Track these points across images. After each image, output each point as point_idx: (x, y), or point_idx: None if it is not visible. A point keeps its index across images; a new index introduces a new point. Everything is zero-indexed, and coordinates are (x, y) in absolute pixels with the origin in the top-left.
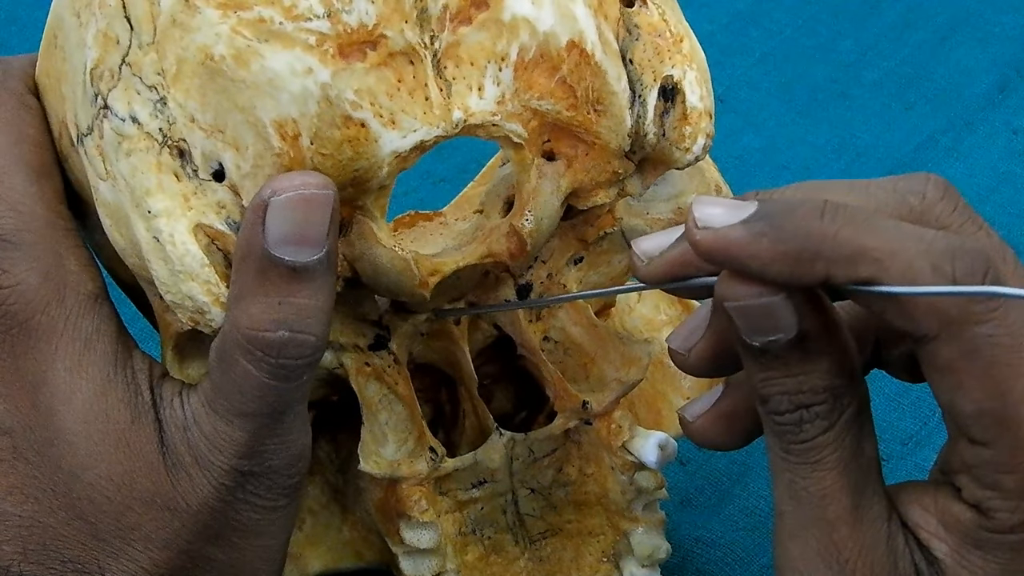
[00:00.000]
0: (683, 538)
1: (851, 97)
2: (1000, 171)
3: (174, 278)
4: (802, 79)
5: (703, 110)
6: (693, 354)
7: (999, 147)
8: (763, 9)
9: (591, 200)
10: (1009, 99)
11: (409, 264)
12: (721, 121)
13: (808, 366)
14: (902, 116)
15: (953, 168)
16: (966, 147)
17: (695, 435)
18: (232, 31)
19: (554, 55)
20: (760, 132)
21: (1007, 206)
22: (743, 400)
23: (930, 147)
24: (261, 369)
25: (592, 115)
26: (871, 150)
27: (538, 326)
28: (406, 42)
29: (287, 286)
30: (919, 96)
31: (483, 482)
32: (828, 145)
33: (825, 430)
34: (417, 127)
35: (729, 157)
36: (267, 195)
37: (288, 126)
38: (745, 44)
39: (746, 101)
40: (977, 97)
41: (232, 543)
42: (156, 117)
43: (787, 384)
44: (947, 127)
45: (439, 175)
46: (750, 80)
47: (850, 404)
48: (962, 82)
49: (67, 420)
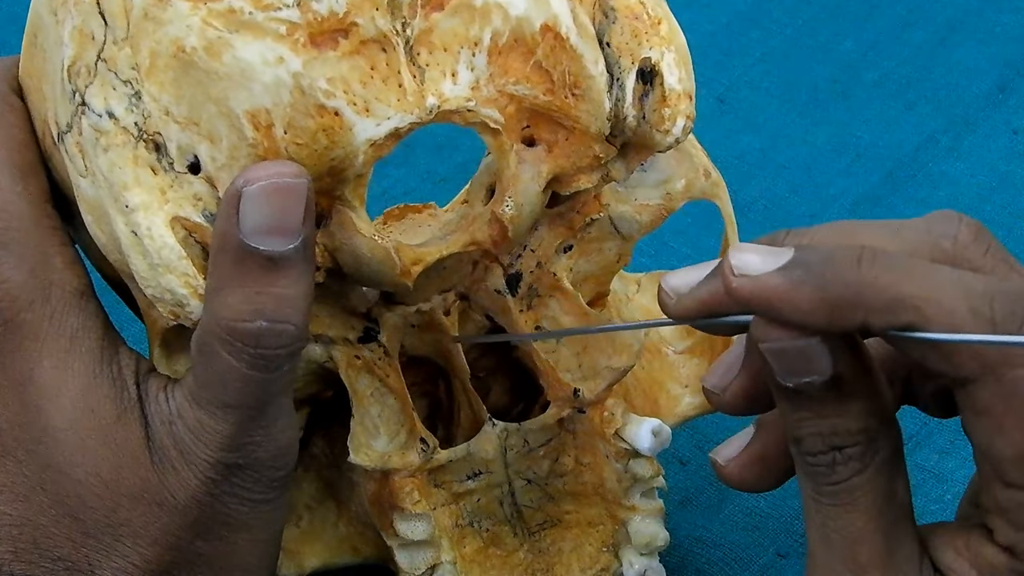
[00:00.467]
0: (683, 538)
1: (851, 97)
2: (1000, 171)
3: (153, 272)
4: (802, 79)
5: (682, 91)
6: (728, 393)
7: (999, 147)
8: (763, 9)
9: (574, 185)
10: (1009, 99)
11: (389, 253)
12: (721, 121)
13: (842, 408)
14: (902, 116)
15: (953, 168)
16: (966, 147)
17: (729, 479)
18: (203, 22)
19: (528, 39)
20: (760, 132)
21: (1007, 206)
22: (775, 442)
23: (930, 147)
24: (241, 360)
25: (570, 99)
26: (871, 150)
27: (530, 316)
28: (377, 29)
29: (264, 276)
30: (919, 96)
31: (478, 473)
32: (828, 145)
33: (858, 472)
34: (391, 114)
35: (729, 157)
36: (240, 185)
37: (261, 116)
38: (745, 44)
39: (746, 101)
40: (977, 97)
41: (222, 537)
42: (132, 111)
43: (821, 426)
44: (947, 127)
45: (440, 175)
46: (750, 80)
47: (884, 447)
48: (962, 82)
49: (54, 417)
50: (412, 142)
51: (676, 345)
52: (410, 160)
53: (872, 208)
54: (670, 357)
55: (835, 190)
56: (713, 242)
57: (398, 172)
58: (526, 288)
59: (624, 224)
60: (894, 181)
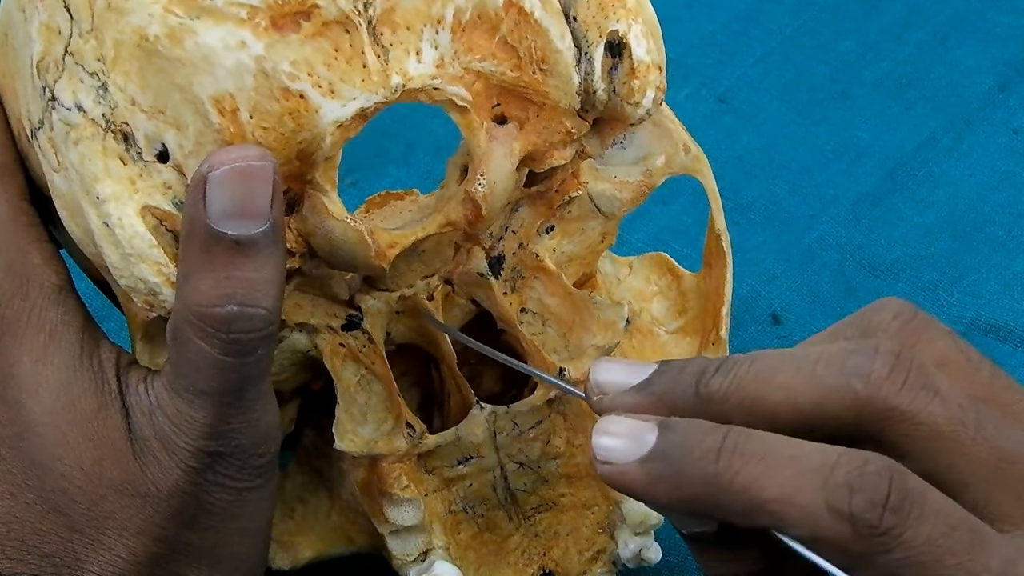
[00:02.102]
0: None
1: (851, 97)
2: (1000, 171)
3: (125, 262)
4: (802, 79)
5: (651, 63)
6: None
7: (999, 147)
8: (763, 9)
9: (548, 162)
10: (1009, 99)
11: (363, 235)
12: (721, 121)
13: (739, 552)
14: (902, 116)
15: (953, 168)
16: (966, 147)
17: None
18: (164, 10)
19: (492, 15)
20: (760, 132)
21: (1007, 206)
22: None
23: (930, 147)
24: (214, 345)
25: (538, 75)
26: (871, 150)
27: (514, 298)
28: (339, 10)
29: (232, 260)
30: (919, 96)
31: (469, 458)
32: (828, 145)
33: None
34: (356, 95)
35: (729, 157)
36: (205, 171)
37: (226, 101)
38: (745, 44)
39: (746, 101)
40: (977, 97)
41: (208, 527)
42: (99, 103)
43: (724, 568)
44: (947, 127)
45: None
46: (750, 80)
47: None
48: (962, 82)
49: (35, 412)
50: (412, 142)
51: (668, 325)
52: (410, 160)
53: (872, 208)
54: (662, 337)
55: (835, 190)
56: None
57: (398, 172)
58: (509, 270)
59: (604, 202)
60: (894, 181)
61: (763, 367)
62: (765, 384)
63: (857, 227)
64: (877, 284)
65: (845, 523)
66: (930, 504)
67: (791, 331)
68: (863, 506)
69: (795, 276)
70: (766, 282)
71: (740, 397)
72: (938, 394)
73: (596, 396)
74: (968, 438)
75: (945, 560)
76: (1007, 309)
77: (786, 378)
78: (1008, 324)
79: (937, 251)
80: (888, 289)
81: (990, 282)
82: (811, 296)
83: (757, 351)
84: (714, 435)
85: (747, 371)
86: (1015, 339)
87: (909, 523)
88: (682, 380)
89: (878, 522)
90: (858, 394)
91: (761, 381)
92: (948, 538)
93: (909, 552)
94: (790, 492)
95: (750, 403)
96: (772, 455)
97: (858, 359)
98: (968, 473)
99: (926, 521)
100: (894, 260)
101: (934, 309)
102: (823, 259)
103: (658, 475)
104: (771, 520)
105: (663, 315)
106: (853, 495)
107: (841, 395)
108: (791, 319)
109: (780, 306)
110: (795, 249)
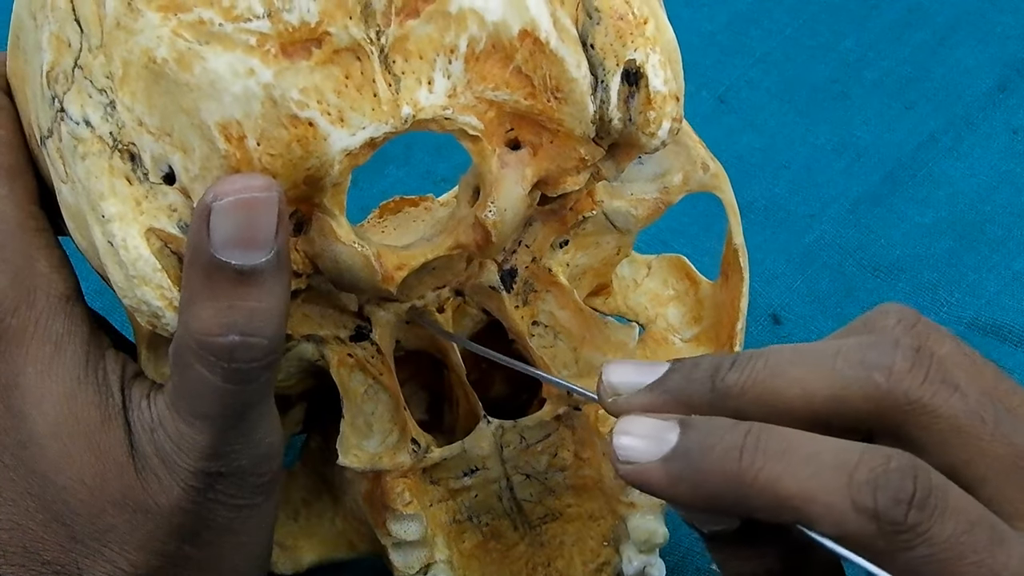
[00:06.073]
0: (683, 538)
1: (851, 97)
2: (1000, 171)
3: (129, 283)
4: (802, 79)
5: (668, 93)
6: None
7: (999, 147)
8: (763, 9)
9: (561, 187)
10: (1009, 99)
11: (369, 260)
12: (721, 121)
13: (759, 550)
14: (902, 116)
15: (953, 168)
16: (966, 147)
17: None
18: (173, 33)
19: (506, 45)
20: (760, 132)
21: (1007, 206)
22: None
23: (930, 147)
24: (215, 373)
25: (552, 103)
26: (871, 150)
27: (525, 311)
28: (351, 38)
29: (235, 289)
30: (919, 96)
31: (474, 470)
32: (828, 145)
33: None
34: (366, 124)
35: (729, 157)
36: (210, 200)
37: (232, 128)
38: (745, 44)
39: (746, 101)
40: (977, 97)
41: (209, 542)
42: (107, 120)
43: (743, 567)
44: (947, 127)
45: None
46: (750, 80)
47: None
48: (962, 82)
49: (38, 424)
50: (412, 142)
51: (683, 333)
52: (410, 160)
53: (872, 208)
54: (676, 346)
55: (835, 190)
56: (713, 242)
57: (398, 172)
58: (521, 284)
59: (620, 218)
60: (894, 181)
61: (779, 361)
62: (781, 378)
63: (857, 227)
64: (877, 284)
65: (870, 520)
66: (952, 501)
67: (791, 331)
68: (888, 503)
69: (795, 276)
70: (766, 282)
71: (757, 392)
72: (958, 389)
73: (610, 398)
74: (987, 433)
75: (967, 557)
76: (1007, 309)
77: (803, 372)
78: (1008, 324)
79: (937, 251)
80: (888, 289)
81: (990, 282)
82: (811, 296)
83: (769, 347)
84: (735, 432)
85: (763, 366)
86: (1015, 339)
87: (933, 520)
88: (696, 377)
89: (903, 519)
90: (879, 387)
91: (777, 375)
92: (969, 535)
93: (932, 549)
94: (814, 489)
95: (767, 398)
96: (794, 452)
97: (879, 352)
98: (986, 468)
99: (949, 518)
100: (894, 260)
101: (934, 309)
102: (823, 259)
103: (680, 474)
104: (797, 516)
105: (678, 322)
106: (878, 492)
107: (862, 388)
108: (791, 319)
109: (780, 306)
110: (795, 249)
